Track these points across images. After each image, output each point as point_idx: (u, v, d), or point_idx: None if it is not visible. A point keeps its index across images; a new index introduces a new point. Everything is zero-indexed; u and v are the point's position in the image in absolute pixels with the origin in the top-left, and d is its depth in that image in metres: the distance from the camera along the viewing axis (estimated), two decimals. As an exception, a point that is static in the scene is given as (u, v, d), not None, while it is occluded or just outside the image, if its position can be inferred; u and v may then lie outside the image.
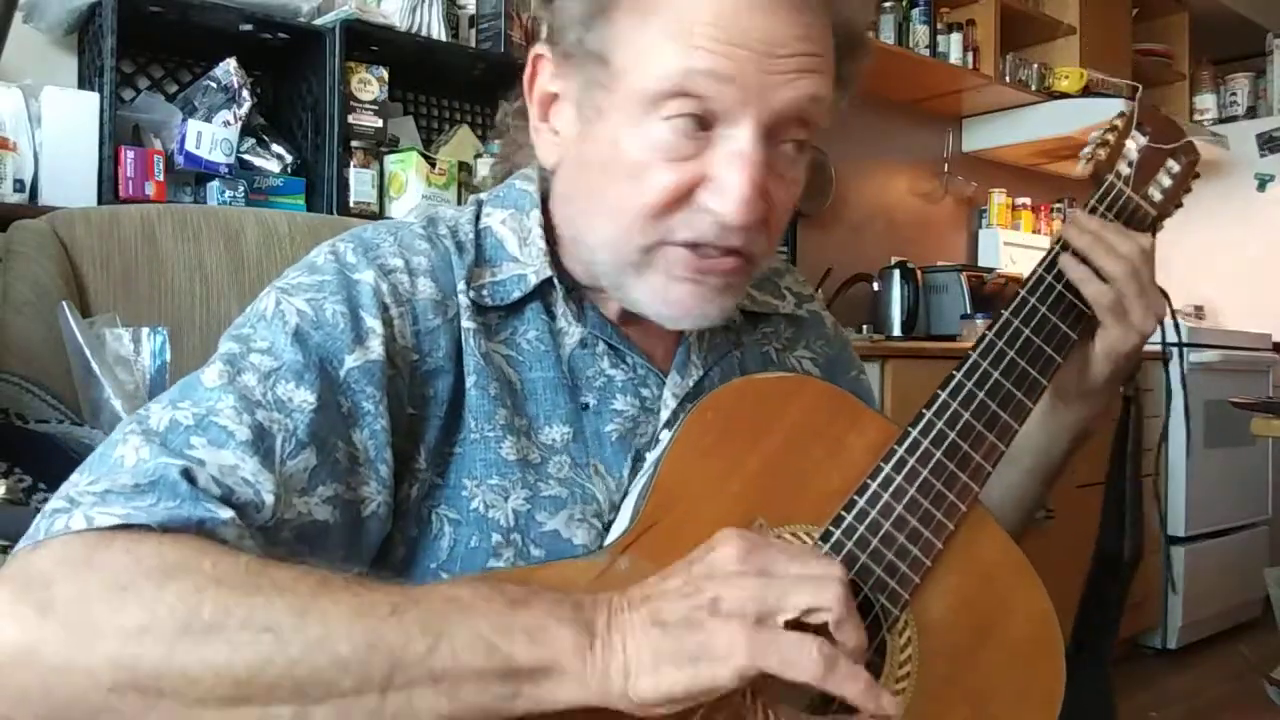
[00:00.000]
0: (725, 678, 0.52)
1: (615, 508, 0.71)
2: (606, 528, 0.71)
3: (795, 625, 0.55)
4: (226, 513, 0.56)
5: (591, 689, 0.53)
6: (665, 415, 0.75)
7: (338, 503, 0.63)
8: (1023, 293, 0.76)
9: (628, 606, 0.54)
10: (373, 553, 0.67)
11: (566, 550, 0.69)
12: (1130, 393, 0.87)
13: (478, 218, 0.77)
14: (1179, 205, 0.82)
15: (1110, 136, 0.81)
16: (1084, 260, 0.76)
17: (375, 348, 0.66)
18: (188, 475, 0.56)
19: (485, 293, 0.72)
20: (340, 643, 0.51)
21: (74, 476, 0.58)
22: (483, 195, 0.79)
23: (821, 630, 0.55)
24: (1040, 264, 0.78)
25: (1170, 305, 0.81)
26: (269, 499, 0.58)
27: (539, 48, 0.71)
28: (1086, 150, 0.81)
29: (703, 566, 0.56)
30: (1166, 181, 0.81)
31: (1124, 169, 0.80)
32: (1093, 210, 0.79)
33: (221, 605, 0.51)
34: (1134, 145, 0.80)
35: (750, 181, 0.64)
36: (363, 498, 0.65)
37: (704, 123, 0.64)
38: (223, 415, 0.60)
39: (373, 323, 0.67)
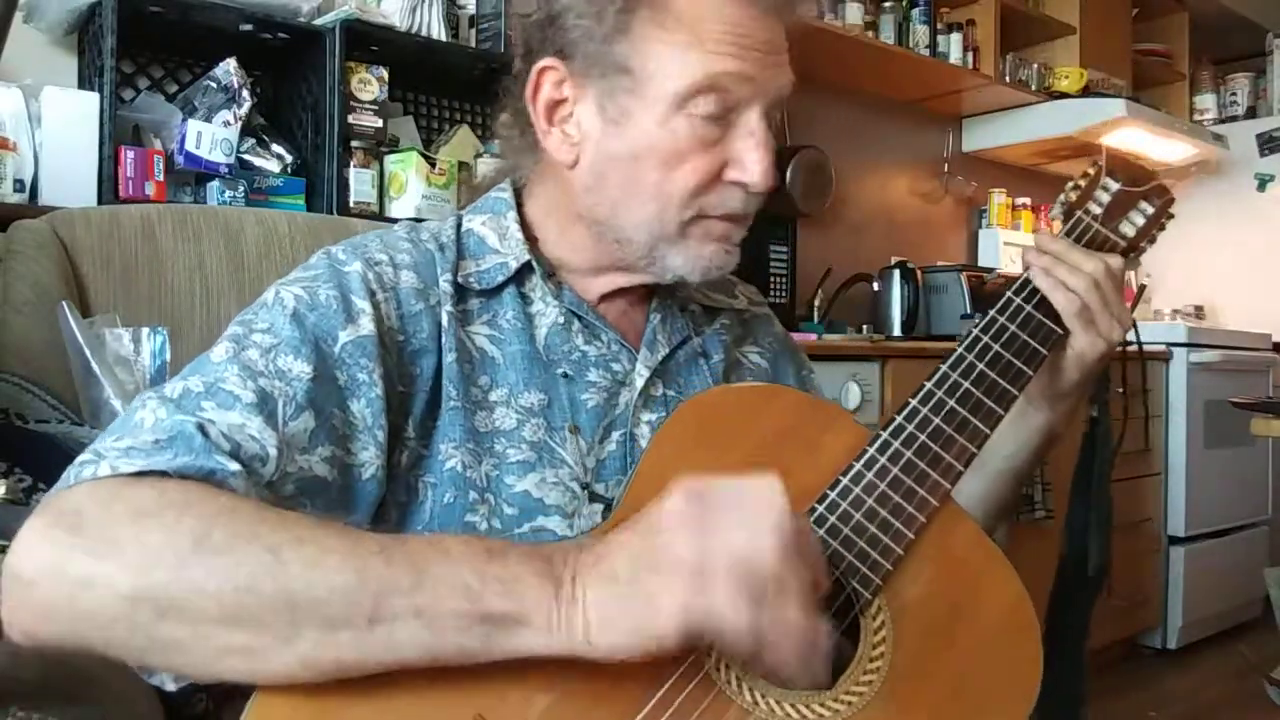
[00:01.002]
0: (667, 631, 0.56)
1: (590, 470, 0.79)
2: (583, 489, 0.78)
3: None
4: (234, 466, 0.63)
5: (558, 641, 0.57)
6: (640, 384, 0.83)
7: (336, 463, 0.70)
8: (993, 312, 0.82)
9: (591, 563, 0.59)
10: (370, 512, 0.74)
11: (538, 509, 0.77)
12: (1095, 413, 0.93)
13: (458, 226, 0.86)
14: (1152, 240, 0.88)
15: (1082, 182, 0.87)
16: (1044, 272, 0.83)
17: (366, 325, 0.74)
18: (202, 430, 0.64)
19: (472, 279, 0.82)
20: (332, 570, 0.57)
21: (99, 438, 0.65)
22: (461, 212, 0.89)
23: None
24: (1011, 286, 0.84)
25: (1135, 325, 0.88)
26: (273, 453, 0.66)
27: (545, 61, 0.80)
28: (1061, 196, 0.88)
29: (649, 520, 0.60)
30: (1139, 220, 0.87)
31: (1094, 208, 0.87)
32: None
33: (230, 529, 0.58)
34: (1105, 191, 0.87)
35: (768, 155, 0.78)
36: (361, 462, 0.72)
37: (723, 113, 0.76)
38: (229, 382, 0.68)
39: (362, 304, 0.75)
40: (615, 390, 0.83)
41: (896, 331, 3.08)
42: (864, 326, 3.05)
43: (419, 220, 0.91)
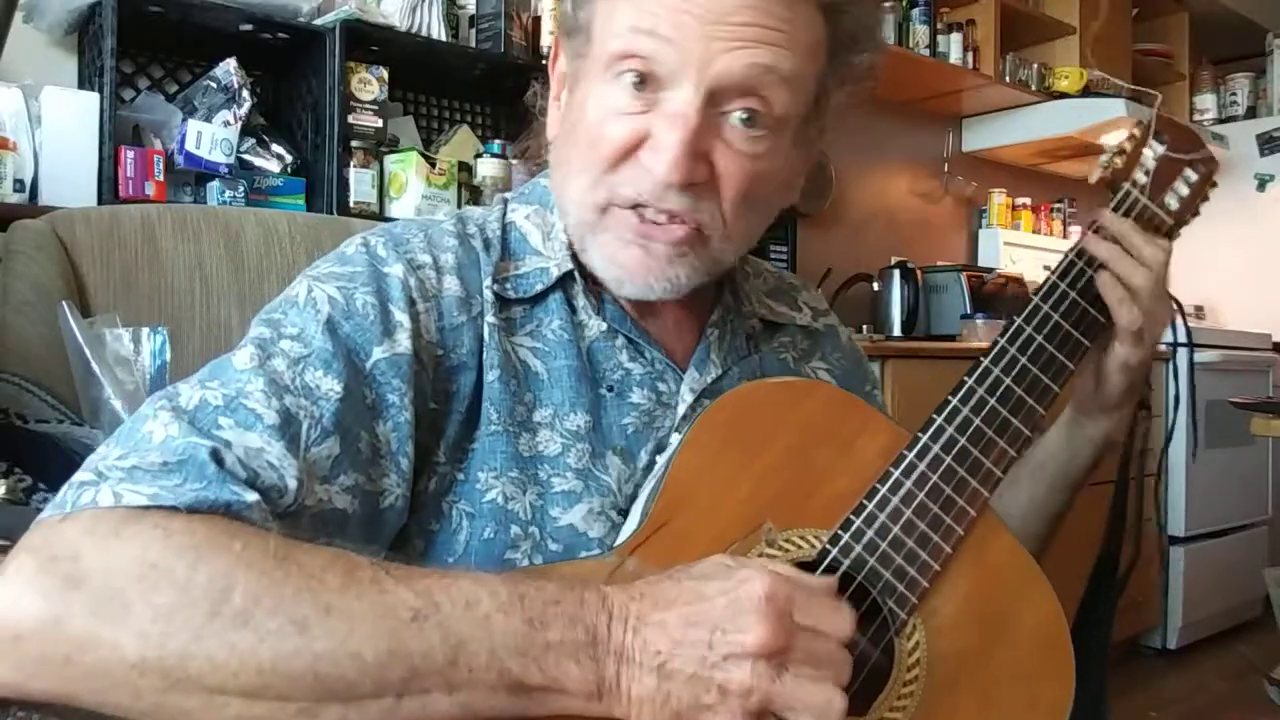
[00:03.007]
0: None
1: (629, 499, 0.72)
2: (620, 514, 0.72)
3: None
4: (252, 496, 0.56)
5: (596, 711, 0.55)
6: (682, 410, 0.76)
7: (357, 492, 0.64)
8: (1036, 299, 0.76)
9: (639, 658, 0.54)
10: (389, 542, 0.68)
11: (583, 545, 0.70)
12: (1144, 394, 0.86)
13: (504, 215, 0.79)
14: (1196, 214, 0.81)
15: (1128, 145, 0.80)
16: (1107, 267, 0.76)
17: (403, 341, 0.67)
18: (215, 456, 0.57)
19: (509, 286, 0.75)
20: (364, 645, 0.52)
21: (101, 449, 0.58)
22: (508, 194, 0.82)
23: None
24: (1056, 270, 0.77)
25: (1181, 308, 0.81)
26: (293, 484, 0.59)
27: (560, 33, 0.76)
28: (1104, 158, 0.80)
29: (721, 636, 0.54)
30: (1184, 190, 0.80)
31: (1140, 177, 0.79)
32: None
33: (251, 593, 0.51)
34: (1151, 154, 0.79)
35: (681, 141, 0.65)
36: (382, 489, 0.66)
37: (651, 83, 0.67)
38: (252, 398, 0.61)
39: (401, 316, 0.68)
40: (661, 414, 0.76)
41: (896, 331, 3.08)
42: (864, 326, 3.05)
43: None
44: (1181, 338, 0.86)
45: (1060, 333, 0.75)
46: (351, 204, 2.03)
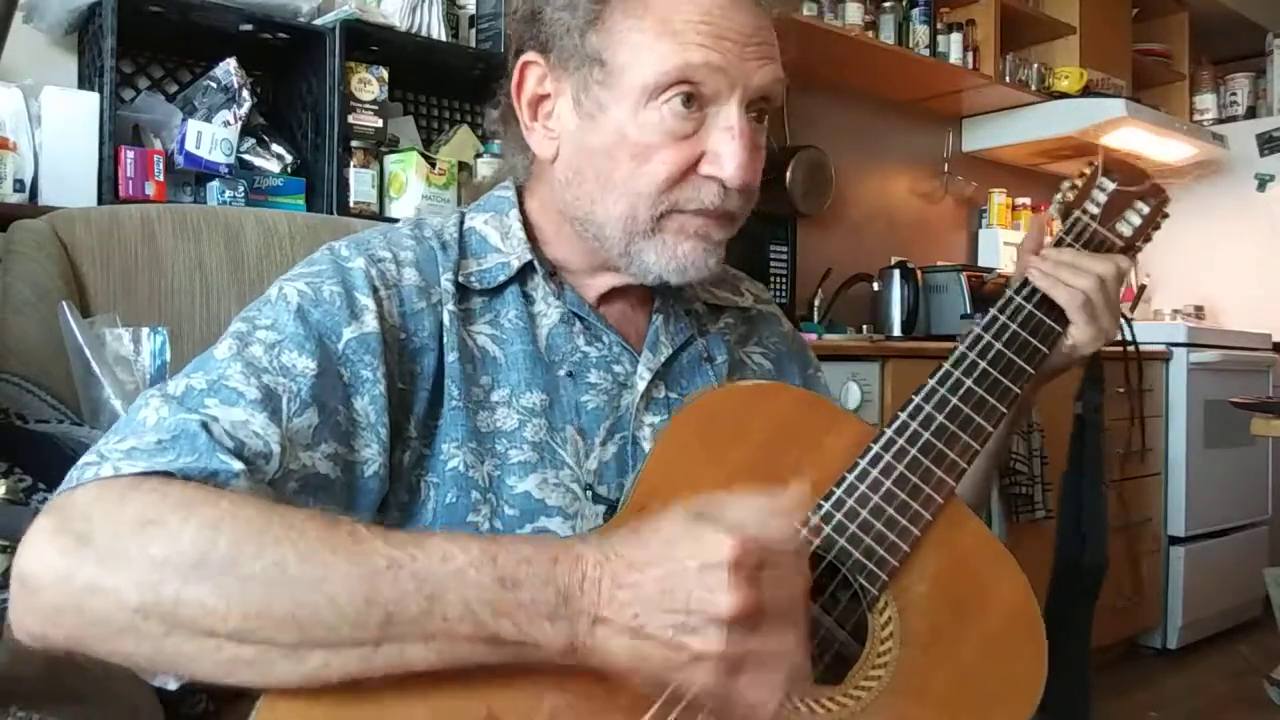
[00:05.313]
0: (691, 686, 0.58)
1: (591, 472, 0.79)
2: (585, 489, 0.78)
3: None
4: (238, 465, 0.62)
5: (572, 663, 0.58)
6: (641, 387, 0.83)
7: (339, 461, 0.70)
8: (994, 310, 0.84)
9: (611, 605, 0.57)
10: (373, 510, 0.73)
11: (540, 510, 0.76)
12: (1080, 410, 0.96)
13: (461, 223, 0.86)
14: (1148, 239, 0.91)
15: (1079, 181, 0.90)
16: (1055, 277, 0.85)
17: (370, 322, 0.74)
18: (205, 428, 0.63)
19: (473, 278, 0.81)
20: (339, 589, 0.56)
21: (102, 439, 0.65)
22: (464, 208, 0.89)
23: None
24: (1010, 285, 0.86)
25: (1130, 323, 0.92)
26: (276, 449, 0.65)
27: (528, 56, 0.81)
28: (1058, 195, 0.90)
29: (696, 601, 0.56)
30: (1136, 220, 0.89)
31: (1091, 208, 0.89)
32: (1058, 242, 0.89)
33: (235, 541, 0.57)
34: (1101, 190, 0.89)
35: (744, 148, 0.76)
36: (364, 459, 0.72)
37: (697, 102, 0.75)
38: (233, 379, 0.67)
39: (366, 301, 0.75)
40: (617, 392, 0.82)
41: (896, 331, 3.08)
42: (864, 326, 3.05)
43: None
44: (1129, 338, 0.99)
45: (1018, 340, 0.82)
46: (351, 204, 2.03)
